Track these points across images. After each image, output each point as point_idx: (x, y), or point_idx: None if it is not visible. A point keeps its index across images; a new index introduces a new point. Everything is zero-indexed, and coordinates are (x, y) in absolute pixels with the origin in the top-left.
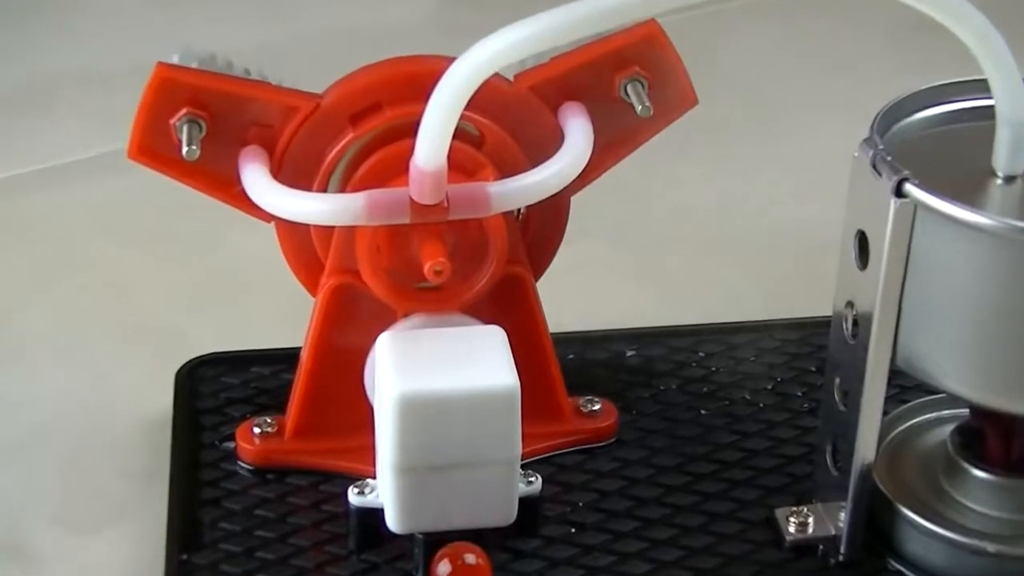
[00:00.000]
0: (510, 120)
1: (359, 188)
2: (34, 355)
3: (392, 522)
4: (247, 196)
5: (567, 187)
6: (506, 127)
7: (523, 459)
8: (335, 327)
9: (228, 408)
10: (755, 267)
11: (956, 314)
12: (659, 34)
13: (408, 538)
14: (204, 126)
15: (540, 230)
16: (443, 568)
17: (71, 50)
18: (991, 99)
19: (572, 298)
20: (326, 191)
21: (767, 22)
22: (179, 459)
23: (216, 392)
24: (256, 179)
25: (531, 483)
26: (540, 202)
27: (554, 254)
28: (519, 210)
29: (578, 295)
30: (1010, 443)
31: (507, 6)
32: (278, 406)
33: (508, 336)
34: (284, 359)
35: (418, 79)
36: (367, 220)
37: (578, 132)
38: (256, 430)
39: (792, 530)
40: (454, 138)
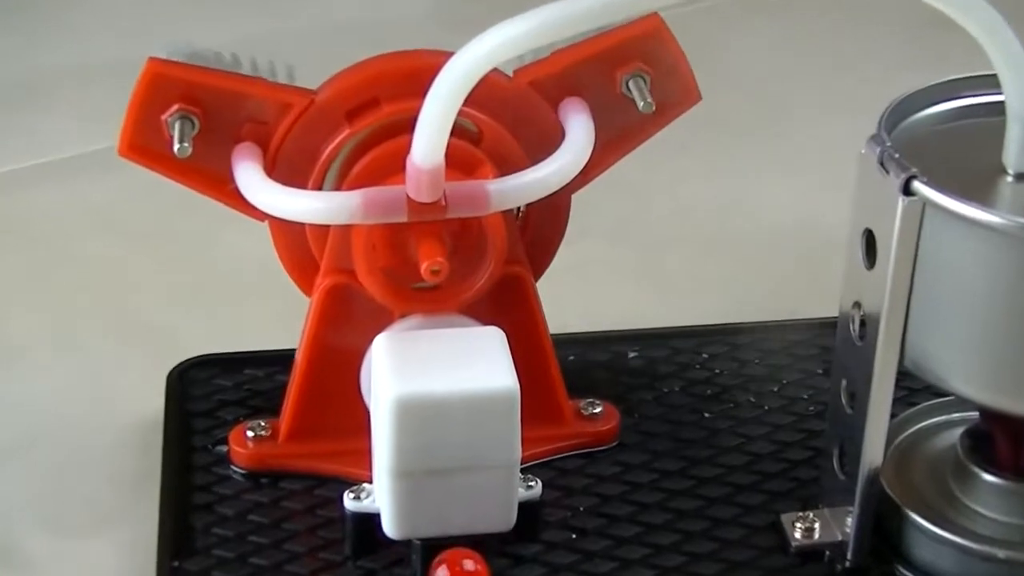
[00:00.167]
0: (509, 116)
1: (355, 186)
2: (24, 356)
3: (389, 528)
4: (240, 194)
5: (567, 185)
6: (505, 123)
7: (523, 463)
8: (330, 328)
9: (221, 411)
10: (760, 267)
11: (965, 314)
12: (662, 28)
13: (405, 544)
14: (196, 122)
15: (540, 229)
16: (441, 574)
17: (65, 45)
18: (1001, 94)
19: (573, 298)
20: (321, 189)
21: (772, 16)
22: (171, 463)
23: (209, 394)
24: (250, 177)
25: (531, 487)
26: (540, 200)
27: (554, 253)
28: (518, 208)
29: (579, 295)
30: (1021, 447)
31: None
32: (272, 409)
33: (507, 337)
34: (278, 361)
35: (415, 74)
36: (363, 219)
37: (579, 129)
38: (249, 433)
39: (798, 535)
40: (452, 135)
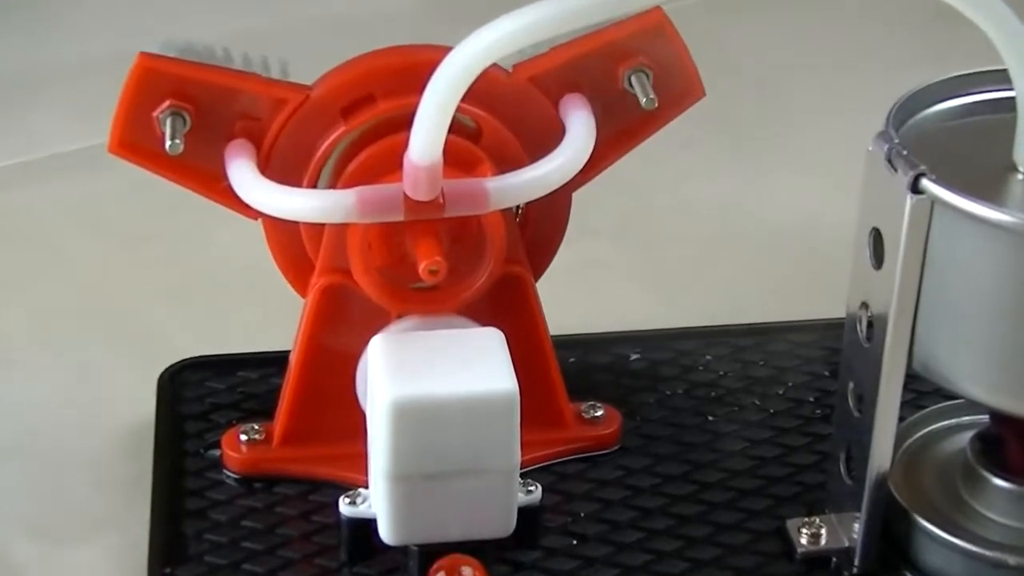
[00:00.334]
0: (509, 113)
1: (350, 184)
2: (11, 358)
3: (385, 533)
4: (233, 192)
5: (568, 183)
6: (505, 120)
7: (522, 467)
8: (326, 329)
9: (213, 414)
10: (765, 266)
11: (975, 315)
12: (665, 22)
13: (402, 550)
14: (188, 119)
15: (540, 228)
16: None
17: (55, 40)
18: (1011, 90)
19: (573, 299)
20: (316, 187)
21: (777, 10)
22: (162, 468)
23: (201, 397)
24: (243, 174)
25: (531, 492)
26: (540, 199)
27: (555, 253)
28: (518, 207)
29: (580, 296)
30: None
31: None
32: (266, 412)
33: (507, 339)
34: (272, 363)
35: (413, 70)
36: (359, 217)
37: (580, 125)
38: (243, 437)
39: (804, 542)
40: (450, 131)
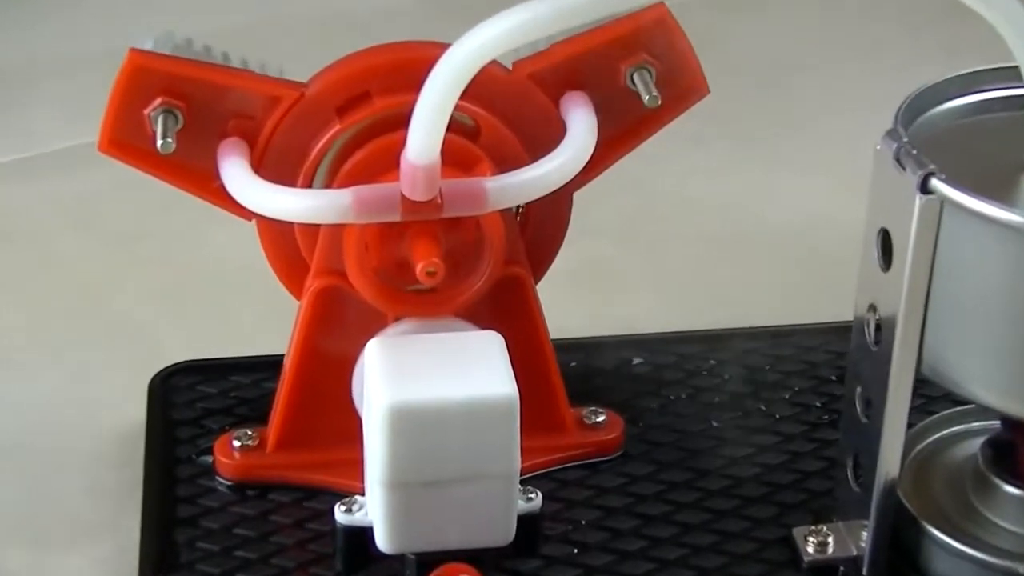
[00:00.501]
0: (508, 111)
1: (346, 184)
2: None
3: (382, 541)
4: (226, 192)
5: (569, 183)
6: (504, 118)
7: (522, 474)
8: (321, 332)
9: (205, 419)
10: (770, 268)
11: (986, 318)
12: (668, 18)
13: (399, 559)
14: (180, 117)
15: (540, 228)
16: None
17: (46, 36)
18: (1023, 88)
19: (575, 301)
20: (311, 187)
21: (782, 6)
22: (153, 474)
23: (192, 402)
24: (236, 174)
25: (531, 500)
26: (540, 199)
27: (555, 254)
28: (518, 207)
29: (581, 298)
30: None
31: None
32: (259, 417)
33: (506, 342)
34: (266, 367)
35: (410, 67)
36: (355, 218)
37: (581, 124)
38: (236, 443)
39: (811, 550)
40: (448, 130)
